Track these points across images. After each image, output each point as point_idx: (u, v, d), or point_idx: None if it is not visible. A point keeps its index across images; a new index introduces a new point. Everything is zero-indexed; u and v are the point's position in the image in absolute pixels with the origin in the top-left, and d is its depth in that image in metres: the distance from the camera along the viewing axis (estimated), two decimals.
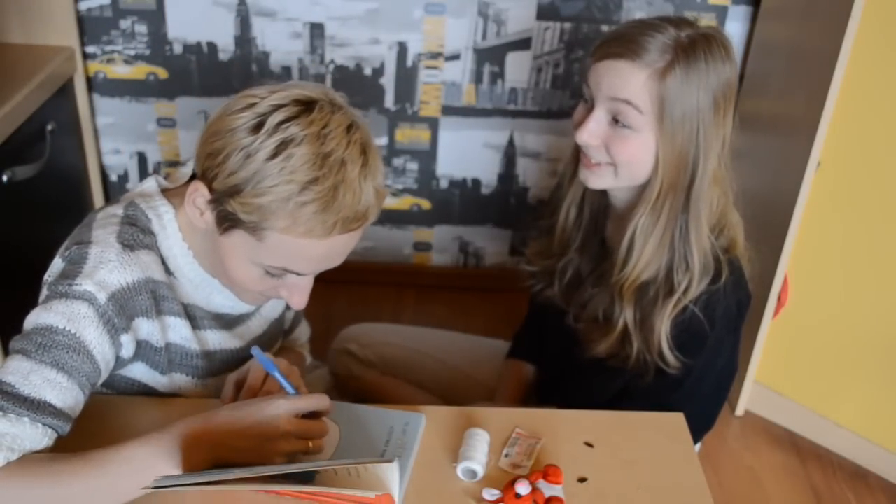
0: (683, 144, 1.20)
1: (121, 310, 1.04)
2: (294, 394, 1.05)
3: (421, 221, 2.53)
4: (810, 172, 1.88)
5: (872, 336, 1.97)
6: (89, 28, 2.21)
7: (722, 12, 2.22)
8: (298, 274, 1.06)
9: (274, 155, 0.97)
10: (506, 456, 1.10)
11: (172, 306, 1.11)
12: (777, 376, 2.15)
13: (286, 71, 2.28)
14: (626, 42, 1.19)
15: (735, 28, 2.23)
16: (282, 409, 1.00)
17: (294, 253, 1.02)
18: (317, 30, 2.24)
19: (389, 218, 2.52)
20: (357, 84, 2.31)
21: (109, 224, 1.08)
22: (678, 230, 1.24)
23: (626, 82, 1.19)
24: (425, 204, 2.51)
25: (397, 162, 2.43)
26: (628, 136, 1.21)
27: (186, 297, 1.14)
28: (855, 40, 1.75)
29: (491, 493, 1.03)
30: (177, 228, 1.11)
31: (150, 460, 0.96)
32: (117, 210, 1.11)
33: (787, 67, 2.02)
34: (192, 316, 1.15)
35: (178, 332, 1.13)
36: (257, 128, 0.98)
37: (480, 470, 1.06)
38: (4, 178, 1.82)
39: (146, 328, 1.09)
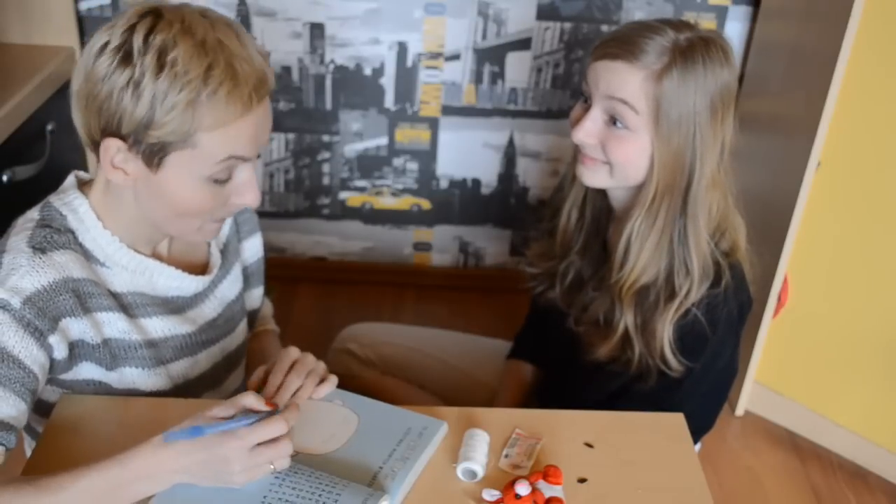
0: (679, 147, 1.20)
1: (40, 312, 1.02)
2: (250, 423, 0.98)
3: (421, 221, 2.53)
4: (810, 172, 1.88)
5: (872, 336, 1.97)
6: (89, 28, 2.21)
7: (722, 12, 2.22)
8: (243, 159, 1.04)
9: (159, 69, 0.96)
10: (506, 456, 1.10)
11: (101, 301, 1.09)
12: (777, 376, 2.15)
13: (286, 71, 2.28)
14: (625, 43, 1.20)
15: (735, 28, 2.23)
16: (231, 449, 0.95)
17: (230, 140, 1.01)
18: (317, 30, 2.24)
19: (389, 218, 2.52)
20: (357, 84, 2.31)
21: (23, 230, 1.08)
22: (676, 234, 1.24)
23: (623, 82, 1.19)
24: (425, 204, 2.51)
25: (397, 162, 2.43)
26: (624, 137, 1.22)
27: (124, 285, 1.12)
28: (855, 40, 1.75)
29: (491, 494, 1.03)
30: (94, 218, 1.10)
31: (108, 490, 0.93)
32: (33, 214, 1.11)
33: (787, 67, 2.02)
34: (131, 305, 1.13)
35: (113, 326, 1.11)
36: (127, 58, 0.97)
37: (480, 470, 1.06)
38: (4, 178, 1.82)
39: (77, 327, 1.07)
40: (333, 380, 1.16)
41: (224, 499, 0.97)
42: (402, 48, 2.26)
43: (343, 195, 2.48)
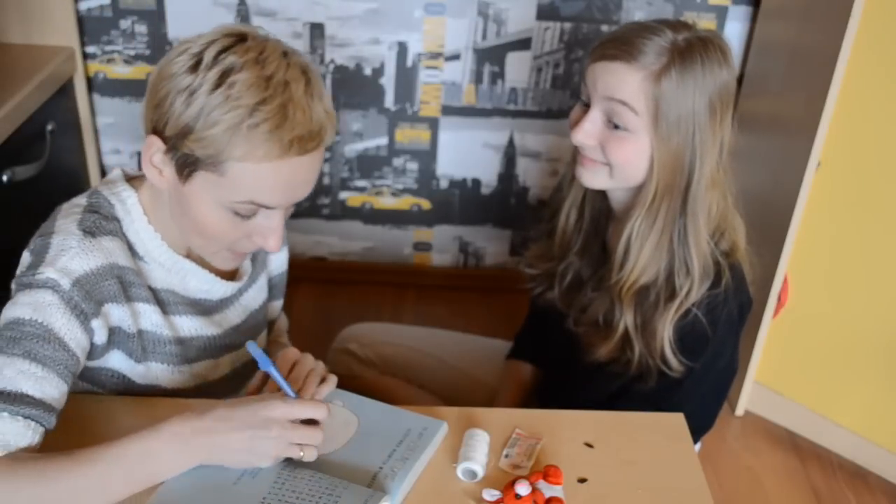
0: (679, 147, 1.20)
1: (87, 295, 1.03)
2: (294, 397, 1.05)
3: (421, 221, 2.53)
4: (810, 172, 1.88)
5: (872, 336, 1.97)
6: (89, 28, 2.21)
7: (722, 12, 2.22)
8: (267, 207, 1.04)
9: (217, 86, 0.97)
10: (506, 456, 1.10)
11: (140, 292, 1.11)
12: (777, 376, 2.15)
13: None
14: (623, 43, 1.20)
15: (735, 28, 2.23)
16: (275, 412, 0.98)
17: (257, 181, 1.01)
18: (317, 30, 2.24)
19: (389, 218, 2.52)
20: (357, 84, 2.31)
21: (72, 213, 1.09)
22: (676, 233, 1.24)
23: (622, 83, 1.19)
24: (425, 204, 2.51)
25: (397, 162, 2.43)
26: (624, 138, 1.22)
27: (158, 281, 1.14)
28: (855, 40, 1.75)
29: (491, 494, 1.03)
30: (141, 212, 1.11)
31: (139, 459, 0.95)
32: (80, 200, 1.12)
33: (787, 67, 2.02)
34: (164, 301, 1.14)
35: (148, 318, 1.12)
36: (196, 66, 0.99)
37: (480, 470, 1.06)
38: (4, 178, 1.82)
39: (117, 314, 1.08)
40: (333, 379, 1.16)
41: (223, 498, 0.97)
42: (402, 48, 2.26)
43: (343, 195, 2.49)
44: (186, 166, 1.02)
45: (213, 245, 1.10)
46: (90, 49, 2.24)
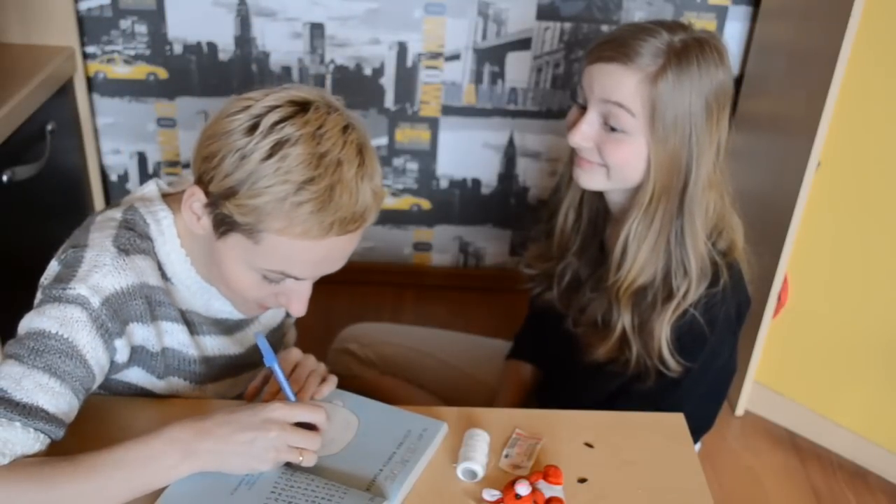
0: (676, 148, 1.20)
1: (114, 314, 1.03)
2: (293, 400, 1.05)
3: (421, 221, 2.54)
4: (810, 172, 1.88)
5: (872, 336, 1.97)
6: (89, 28, 2.21)
7: (722, 12, 2.22)
8: (296, 278, 1.05)
9: (269, 155, 0.96)
10: (506, 456, 1.10)
11: (168, 311, 1.11)
12: (777, 376, 2.16)
13: (286, 71, 2.28)
14: (620, 45, 1.20)
15: (735, 28, 2.23)
16: (275, 414, 0.99)
17: (291, 255, 1.01)
18: (317, 30, 2.24)
19: (389, 218, 2.52)
20: (357, 84, 2.31)
21: (106, 227, 1.08)
22: (673, 235, 1.24)
23: (619, 85, 1.19)
24: (425, 204, 2.51)
25: (397, 162, 2.43)
26: (620, 140, 1.22)
27: (184, 302, 1.14)
28: (855, 40, 1.75)
29: (491, 494, 1.03)
30: (175, 234, 1.11)
31: (141, 464, 0.95)
32: (116, 214, 1.10)
33: (787, 67, 2.02)
34: (190, 321, 1.15)
35: (174, 337, 1.13)
36: (252, 129, 0.97)
37: (480, 470, 1.06)
38: (4, 178, 1.82)
39: (141, 333, 1.09)
40: (334, 380, 1.16)
41: None
42: (402, 48, 2.26)
43: None
44: (223, 225, 1.01)
45: (238, 297, 1.11)
46: (90, 49, 2.24)
